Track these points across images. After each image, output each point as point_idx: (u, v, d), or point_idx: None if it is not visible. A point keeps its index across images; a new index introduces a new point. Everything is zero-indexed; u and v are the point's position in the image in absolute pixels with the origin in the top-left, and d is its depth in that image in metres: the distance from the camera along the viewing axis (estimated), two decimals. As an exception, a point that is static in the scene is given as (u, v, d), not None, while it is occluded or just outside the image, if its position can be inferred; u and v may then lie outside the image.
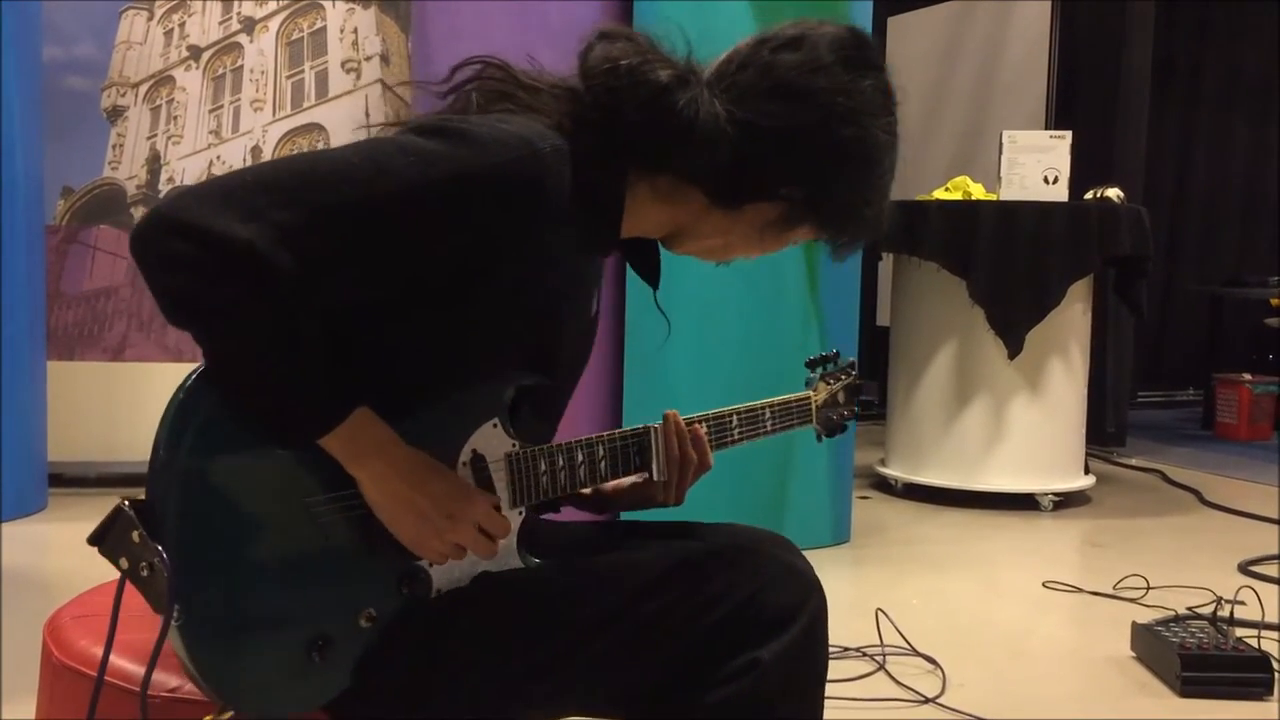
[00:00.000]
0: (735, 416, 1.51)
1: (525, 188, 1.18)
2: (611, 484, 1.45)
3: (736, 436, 1.51)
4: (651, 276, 1.43)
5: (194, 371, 1.16)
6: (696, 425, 1.45)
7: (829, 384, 1.67)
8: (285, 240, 1.08)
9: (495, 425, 1.27)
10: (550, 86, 1.29)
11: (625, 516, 1.59)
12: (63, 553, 3.44)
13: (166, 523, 1.13)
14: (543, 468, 1.31)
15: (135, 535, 1.12)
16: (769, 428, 1.55)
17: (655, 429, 1.42)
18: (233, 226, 1.06)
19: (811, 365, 1.67)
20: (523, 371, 1.29)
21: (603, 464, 1.37)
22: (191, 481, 1.14)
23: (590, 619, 1.24)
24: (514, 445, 1.29)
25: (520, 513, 1.30)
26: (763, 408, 1.55)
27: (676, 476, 1.43)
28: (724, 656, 1.25)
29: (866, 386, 1.81)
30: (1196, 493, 4.71)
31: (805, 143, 1.27)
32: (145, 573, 1.13)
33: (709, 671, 1.25)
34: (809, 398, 1.63)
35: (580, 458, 1.34)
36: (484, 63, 1.31)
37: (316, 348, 1.14)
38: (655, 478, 1.43)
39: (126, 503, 1.13)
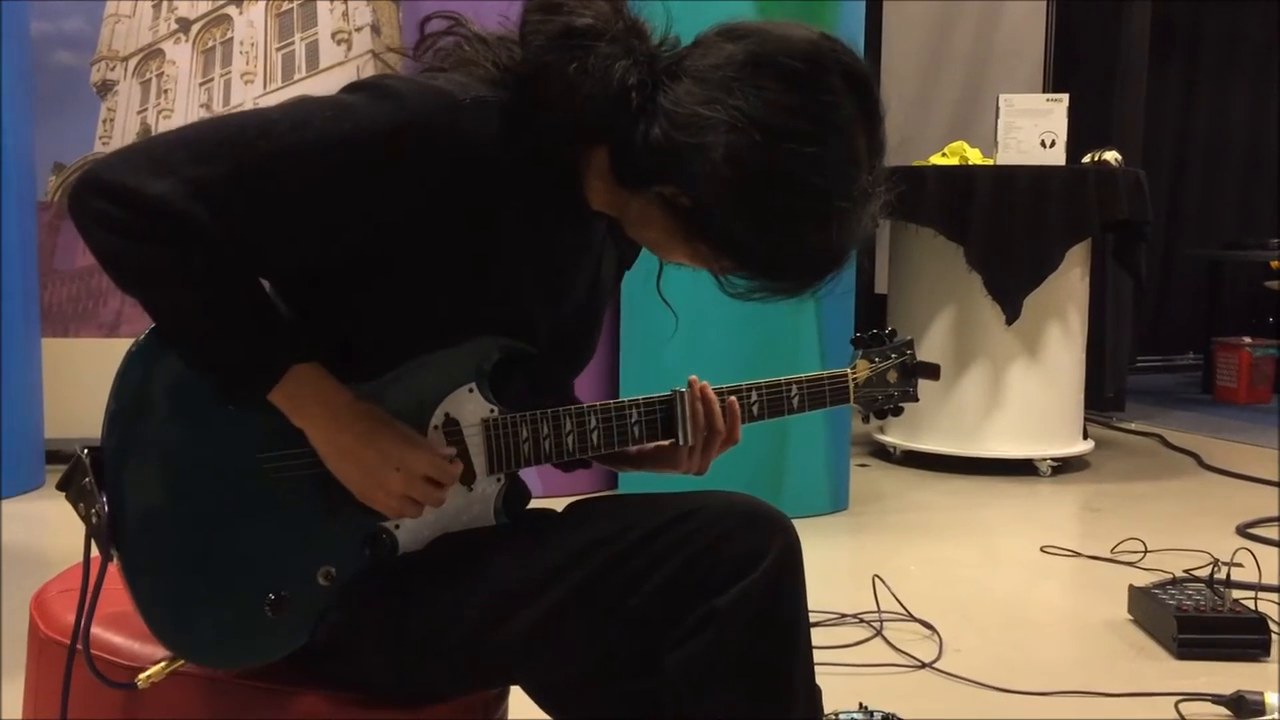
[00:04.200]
0: (755, 393, 1.42)
1: (440, 139, 1.15)
2: (635, 448, 1.40)
3: (755, 414, 1.43)
4: (629, 256, 1.39)
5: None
6: (731, 398, 1.39)
7: (873, 361, 1.57)
8: (199, 194, 1.09)
9: (472, 390, 1.25)
10: (498, 40, 1.24)
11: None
12: (59, 530, 3.43)
13: (110, 470, 1.16)
14: (524, 435, 1.28)
15: (86, 481, 1.15)
16: (795, 405, 1.45)
17: (681, 394, 1.37)
18: (147, 183, 1.08)
19: (856, 343, 1.56)
20: (501, 338, 1.26)
21: (595, 434, 1.32)
22: (133, 430, 1.16)
23: (538, 573, 1.21)
24: (492, 411, 1.27)
25: (499, 479, 1.29)
26: (788, 384, 1.45)
27: (701, 445, 1.39)
28: (682, 613, 1.17)
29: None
30: (1196, 456, 4.70)
31: (695, 136, 1.12)
32: (94, 519, 1.16)
33: (667, 631, 1.18)
34: (845, 375, 1.53)
35: (569, 426, 1.30)
36: (448, 18, 1.28)
37: (251, 306, 1.14)
38: (681, 443, 1.37)
39: (85, 450, 1.17)
